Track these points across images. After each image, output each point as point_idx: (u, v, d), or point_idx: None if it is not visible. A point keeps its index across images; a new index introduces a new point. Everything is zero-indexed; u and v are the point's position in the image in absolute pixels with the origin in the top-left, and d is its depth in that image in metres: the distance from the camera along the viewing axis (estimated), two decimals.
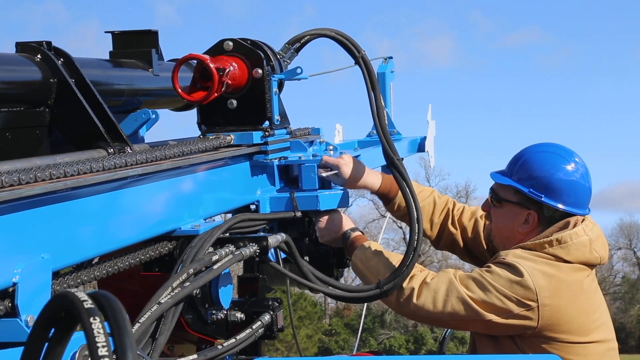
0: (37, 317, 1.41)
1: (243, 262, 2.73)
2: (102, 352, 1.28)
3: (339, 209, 3.27)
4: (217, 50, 3.03)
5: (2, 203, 1.71)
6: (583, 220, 3.20)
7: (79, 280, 2.07)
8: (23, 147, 2.32)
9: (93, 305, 1.33)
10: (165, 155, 2.47)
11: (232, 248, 2.60)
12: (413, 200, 3.02)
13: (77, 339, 1.48)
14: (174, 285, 2.30)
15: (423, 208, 3.49)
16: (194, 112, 3.14)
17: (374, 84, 3.17)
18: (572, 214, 3.19)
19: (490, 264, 3.12)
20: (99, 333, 1.29)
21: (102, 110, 2.44)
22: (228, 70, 2.93)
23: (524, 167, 3.23)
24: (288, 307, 3.16)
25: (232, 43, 3.04)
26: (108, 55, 3.05)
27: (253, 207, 3.08)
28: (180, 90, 2.88)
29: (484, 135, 67.21)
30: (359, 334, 6.50)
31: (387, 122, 3.18)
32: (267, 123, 3.07)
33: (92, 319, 1.30)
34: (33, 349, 1.39)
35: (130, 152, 2.41)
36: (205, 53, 3.00)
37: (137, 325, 2.15)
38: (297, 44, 3.30)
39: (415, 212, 3.00)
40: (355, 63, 3.20)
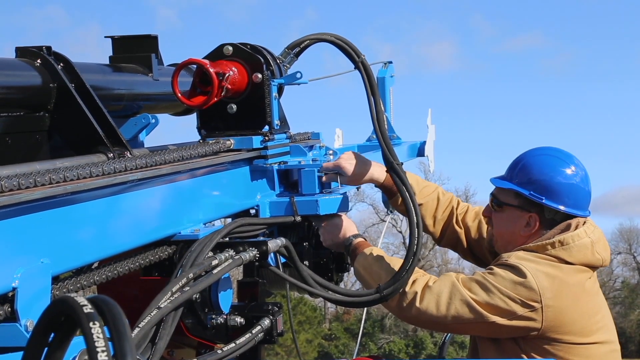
0: (36, 321, 1.41)
1: (243, 266, 2.73)
2: (101, 356, 1.27)
3: (343, 213, 3.27)
4: (216, 55, 3.04)
5: (1, 208, 1.71)
6: (584, 223, 3.20)
7: (79, 285, 2.07)
8: (23, 151, 2.32)
9: (93, 310, 1.33)
10: (165, 160, 2.47)
11: (231, 253, 2.60)
12: (413, 205, 3.02)
13: (76, 344, 1.48)
14: (174, 290, 2.30)
15: (427, 204, 3.51)
16: (194, 116, 3.14)
17: (374, 89, 3.17)
18: (573, 216, 3.20)
19: (493, 266, 3.12)
20: (99, 338, 1.29)
21: (101, 115, 2.44)
22: (228, 75, 2.93)
23: (524, 170, 3.24)
24: (288, 311, 3.15)
25: (231, 48, 3.04)
26: (108, 60, 3.06)
27: (253, 211, 3.08)
28: (180, 95, 2.88)
29: (484, 140, 67.24)
30: (359, 339, 6.49)
31: (386, 126, 3.18)
32: (266, 128, 3.07)
33: (91, 324, 1.30)
34: (32, 354, 1.39)
35: (130, 156, 2.41)
36: (205, 58, 3.01)
37: (136, 330, 2.15)
38: (296, 49, 3.30)
39: (415, 216, 2.99)
40: (355, 68, 3.21)
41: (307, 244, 3.33)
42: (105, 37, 3.09)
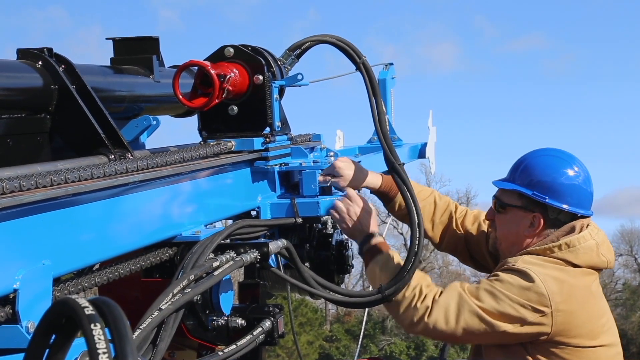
0: (37, 323, 1.41)
1: (244, 268, 2.73)
2: (102, 358, 1.27)
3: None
4: (217, 57, 3.04)
5: (3, 209, 1.71)
6: (587, 226, 3.20)
7: (80, 287, 2.07)
8: (24, 153, 2.32)
9: (94, 312, 1.33)
10: (166, 162, 2.47)
11: (233, 254, 2.60)
12: (414, 205, 3.01)
13: (77, 346, 1.48)
14: (175, 292, 2.30)
15: (423, 208, 3.48)
16: (195, 118, 3.14)
17: (375, 90, 3.17)
18: (576, 215, 3.19)
19: (499, 272, 3.09)
20: (100, 339, 1.29)
21: (103, 117, 2.44)
22: (229, 77, 2.93)
23: (526, 172, 3.24)
24: (289, 313, 3.15)
25: (232, 49, 3.04)
26: (109, 62, 3.06)
27: (254, 213, 3.08)
28: (181, 97, 2.88)
29: (486, 142, 67.19)
30: (360, 340, 6.49)
31: (388, 128, 3.18)
32: (267, 129, 3.07)
33: (92, 326, 1.30)
34: (34, 356, 1.39)
35: (131, 158, 2.41)
36: (206, 59, 3.00)
37: (137, 332, 2.14)
38: (297, 50, 3.30)
39: (417, 217, 2.99)
40: (356, 69, 3.21)
41: (308, 246, 3.33)
42: (107, 39, 3.09)
